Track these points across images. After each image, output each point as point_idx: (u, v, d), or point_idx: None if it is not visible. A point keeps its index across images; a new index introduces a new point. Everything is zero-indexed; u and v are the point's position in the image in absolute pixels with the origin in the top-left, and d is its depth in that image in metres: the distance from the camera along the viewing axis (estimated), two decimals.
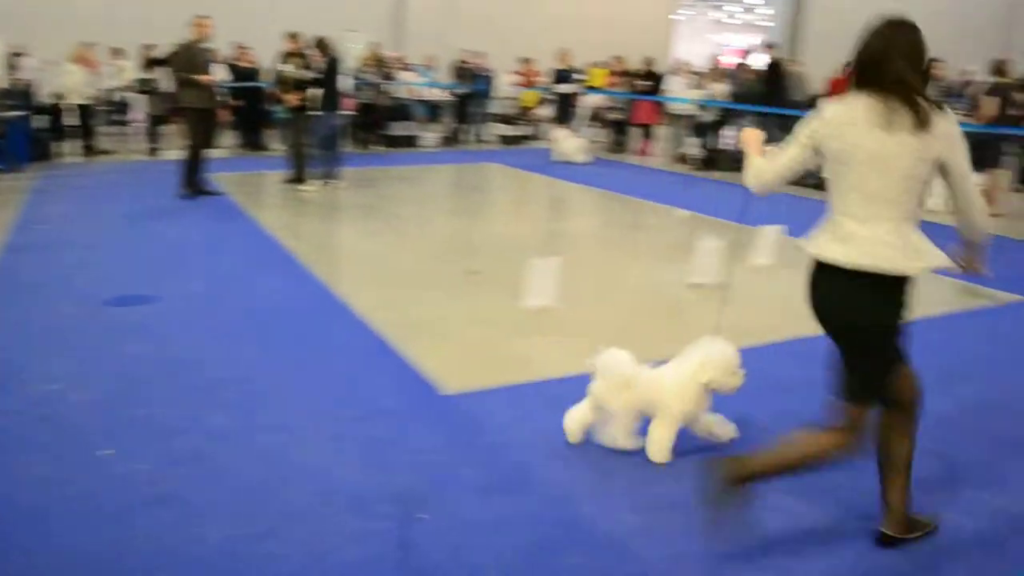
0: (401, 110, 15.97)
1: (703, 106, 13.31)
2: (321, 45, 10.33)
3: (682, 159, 14.24)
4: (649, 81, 15.23)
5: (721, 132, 14.27)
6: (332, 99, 10.30)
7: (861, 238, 2.66)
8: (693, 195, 11.30)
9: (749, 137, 3.10)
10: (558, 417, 4.00)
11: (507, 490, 3.34)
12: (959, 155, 2.69)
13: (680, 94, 14.15)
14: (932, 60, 8.44)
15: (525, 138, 17.32)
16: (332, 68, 10.26)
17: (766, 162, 2.93)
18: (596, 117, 16.82)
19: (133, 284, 6.09)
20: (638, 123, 15.50)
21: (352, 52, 16.99)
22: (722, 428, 3.76)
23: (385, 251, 7.51)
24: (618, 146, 16.02)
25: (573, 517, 3.16)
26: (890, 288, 2.67)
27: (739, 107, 13.55)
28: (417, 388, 4.35)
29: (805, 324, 5.53)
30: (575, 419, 3.76)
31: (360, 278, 6.50)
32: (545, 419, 3.99)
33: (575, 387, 4.37)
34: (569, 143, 14.02)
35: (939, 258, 2.70)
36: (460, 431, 3.87)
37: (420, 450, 3.66)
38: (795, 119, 15.07)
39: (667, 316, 5.73)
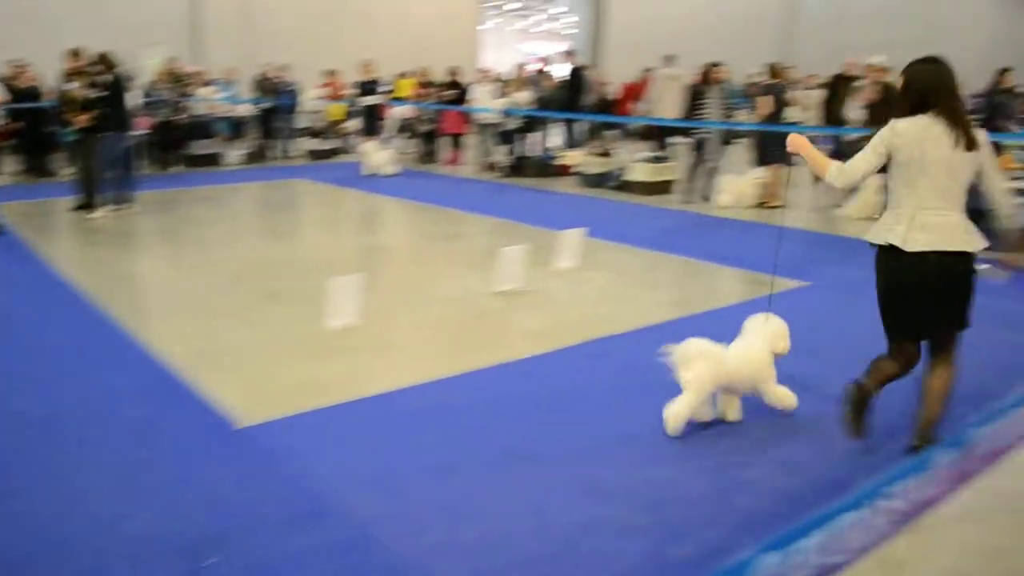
0: (202, 127, 15.31)
1: (507, 114, 13.51)
2: (104, 61, 9.69)
3: (491, 167, 14.43)
4: (454, 91, 15.33)
5: (527, 139, 14.59)
6: (120, 118, 9.70)
7: (939, 227, 3.47)
8: (501, 202, 11.44)
9: (802, 142, 3.75)
10: (361, 441, 3.91)
11: (307, 523, 3.22)
12: (993, 160, 3.56)
13: (485, 103, 14.33)
14: (715, 64, 8.89)
15: (334, 152, 17.02)
16: (118, 85, 9.65)
17: (850, 166, 3.60)
18: (405, 128, 16.76)
19: None
20: (447, 133, 15.57)
21: (147, 68, 16.14)
22: (789, 397, 4.22)
23: (181, 278, 7.15)
24: (428, 157, 16.03)
25: (374, 545, 3.08)
26: (966, 259, 3.51)
27: (541, 114, 13.88)
28: (211, 423, 4.13)
29: (602, 325, 5.79)
30: (678, 413, 3.96)
31: (153, 309, 6.16)
32: (348, 444, 3.89)
33: (378, 408, 4.30)
34: (378, 155, 13.90)
35: (984, 241, 3.55)
36: (257, 465, 3.70)
37: (214, 489, 3.47)
38: (596, 124, 15.64)
39: (473, 326, 5.74)
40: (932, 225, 3.47)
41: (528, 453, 3.80)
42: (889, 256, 3.58)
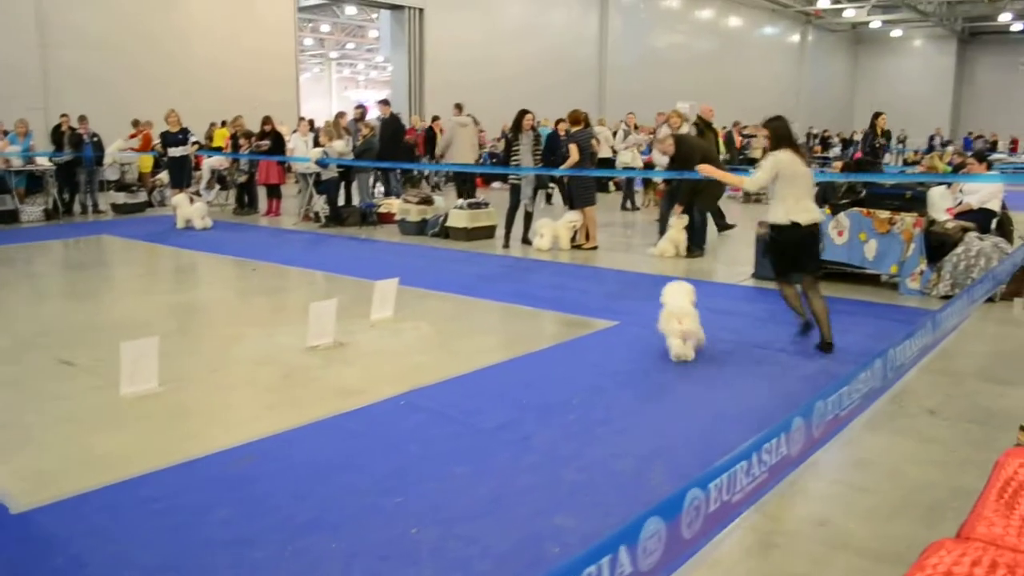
0: None
1: (323, 164, 13.33)
2: None
3: (311, 217, 14.16)
4: (267, 140, 14.99)
5: (348, 188, 14.46)
6: None
7: (808, 208, 6.03)
8: (320, 254, 11.24)
9: (711, 168, 6.80)
10: (149, 519, 3.64)
11: None
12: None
13: (302, 152, 14.09)
14: (525, 112, 9.63)
15: (144, 206, 16.24)
16: None
17: (757, 178, 6.06)
18: (220, 180, 16.23)
19: None
20: (264, 183, 15.18)
21: None
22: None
23: None
24: (246, 208, 15.56)
25: None
26: (817, 226, 6.13)
27: (356, 163, 13.79)
28: None
29: (417, 376, 5.73)
30: (685, 352, 5.98)
31: None
32: (135, 524, 3.60)
33: (171, 481, 4.03)
34: (190, 208, 13.35)
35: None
36: (31, 553, 3.36)
37: None
38: (411, 172, 15.67)
39: (280, 385, 5.52)
40: (806, 208, 6.02)
41: (330, 521, 3.65)
42: (781, 229, 6.05)
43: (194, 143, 13.98)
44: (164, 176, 16.75)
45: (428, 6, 29.28)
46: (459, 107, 15.28)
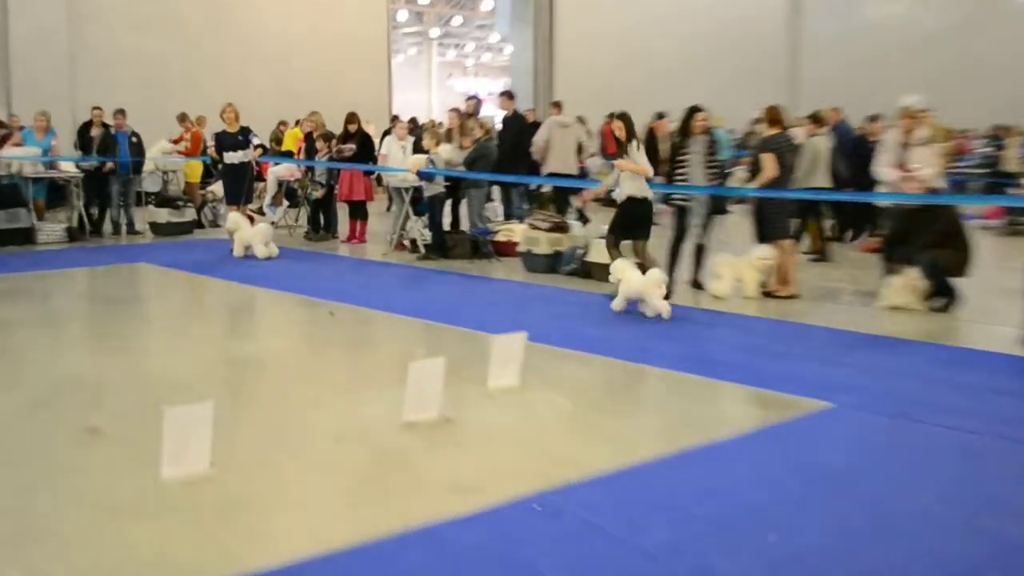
0: (8, 192, 15.03)
1: (428, 176, 13.49)
2: None
3: (406, 246, 14.33)
4: (352, 144, 15.31)
5: (456, 208, 14.59)
6: None
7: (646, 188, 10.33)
8: (419, 294, 11.35)
9: (626, 165, 10.34)
10: None
11: None
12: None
13: (399, 161, 14.31)
14: (696, 109, 9.79)
15: (193, 226, 16.83)
16: None
17: (643, 164, 10.23)
18: (289, 194, 16.69)
19: None
20: (346, 200, 15.48)
21: None
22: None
23: None
24: (322, 232, 15.91)
25: None
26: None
27: (473, 175, 13.91)
28: None
29: (554, 469, 5.59)
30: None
31: None
32: None
33: None
34: (250, 231, 13.74)
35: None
36: None
37: None
38: (539, 189, 15.78)
39: (371, 474, 5.49)
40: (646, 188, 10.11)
41: None
42: (632, 201, 10.24)
43: (257, 147, 14.40)
44: (217, 188, 17.37)
45: None
46: (558, 105, 15.83)
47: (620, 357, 8.20)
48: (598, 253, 11.86)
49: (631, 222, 10.47)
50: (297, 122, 21.71)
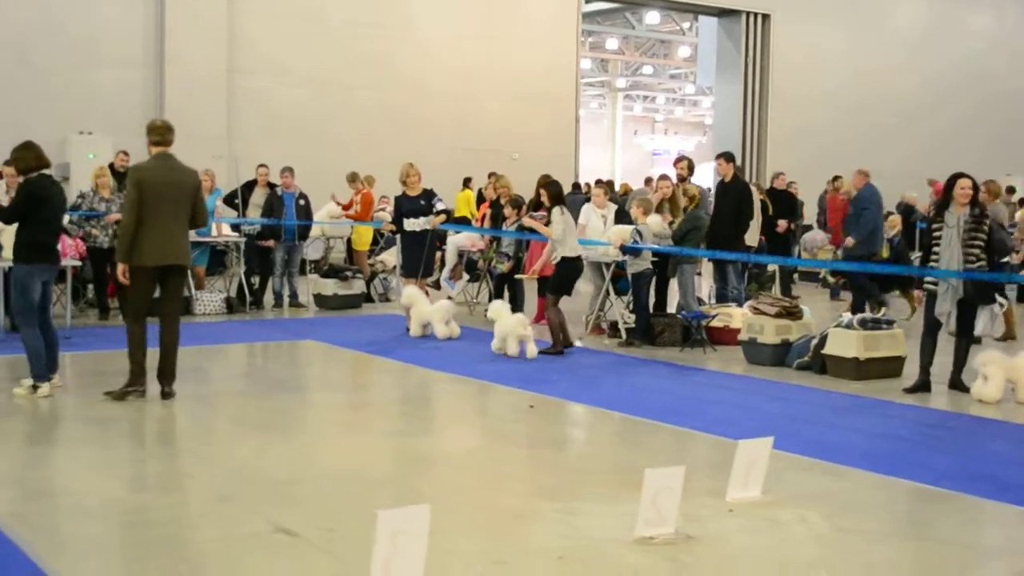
0: None
1: (632, 251, 13.51)
2: (32, 154, 10.04)
3: (606, 329, 14.34)
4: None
5: (662, 286, 14.56)
6: (36, 243, 9.94)
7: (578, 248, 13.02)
8: (625, 386, 11.31)
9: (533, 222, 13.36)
10: None
11: None
12: None
13: (597, 232, 14.37)
14: (958, 176, 9.28)
15: (362, 299, 17.26)
16: (37, 194, 9.91)
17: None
18: (469, 266, 16.93)
19: None
20: (535, 274, 15.60)
21: (88, 165, 16.89)
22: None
23: (133, 496, 7.12)
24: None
25: None
26: None
27: (681, 252, 13.87)
28: None
29: None
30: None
31: (91, 546, 6.10)
32: None
33: None
34: (428, 307, 13.98)
35: None
36: None
37: None
38: (761, 268, 15.63)
39: None
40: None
41: None
42: (571, 261, 12.82)
43: (440, 212, 14.71)
44: (387, 258, 17.78)
45: (777, 10, 29.65)
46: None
47: (879, 470, 7.99)
48: (837, 344, 11.67)
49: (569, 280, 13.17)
50: (466, 182, 22.23)
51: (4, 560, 5.79)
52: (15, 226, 10.21)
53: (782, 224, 18.31)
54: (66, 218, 12.56)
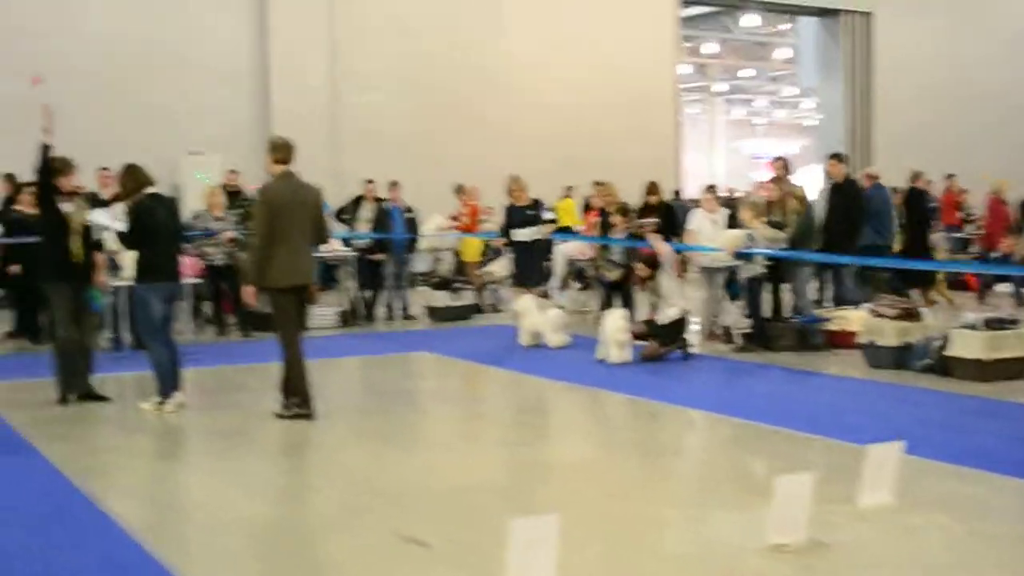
0: None
1: (745, 256, 13.39)
2: (131, 177, 10.25)
3: (719, 335, 14.27)
4: (653, 217, 15.39)
5: (777, 291, 14.42)
6: (151, 262, 10.14)
7: None
8: (741, 391, 11.29)
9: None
10: None
11: None
12: None
13: (709, 238, 14.27)
14: None
15: (472, 310, 17.36)
16: (144, 216, 10.11)
17: None
18: (578, 275, 16.93)
19: None
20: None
21: (200, 185, 17.23)
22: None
23: (262, 507, 7.25)
24: None
25: None
26: None
27: (798, 256, 13.71)
28: None
29: None
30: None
31: (223, 557, 6.23)
32: None
33: None
34: (539, 317, 14.00)
35: None
36: None
37: None
38: (877, 270, 15.43)
39: None
40: None
41: None
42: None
43: (548, 221, 14.75)
44: (497, 268, 17.85)
45: (878, 8, 29.19)
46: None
47: (1012, 473, 7.79)
48: (961, 346, 11.45)
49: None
50: (569, 189, 22.23)
51: (143, 572, 5.91)
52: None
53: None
54: None
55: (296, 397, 9.73)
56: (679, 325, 12.91)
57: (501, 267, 17.57)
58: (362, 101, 24.17)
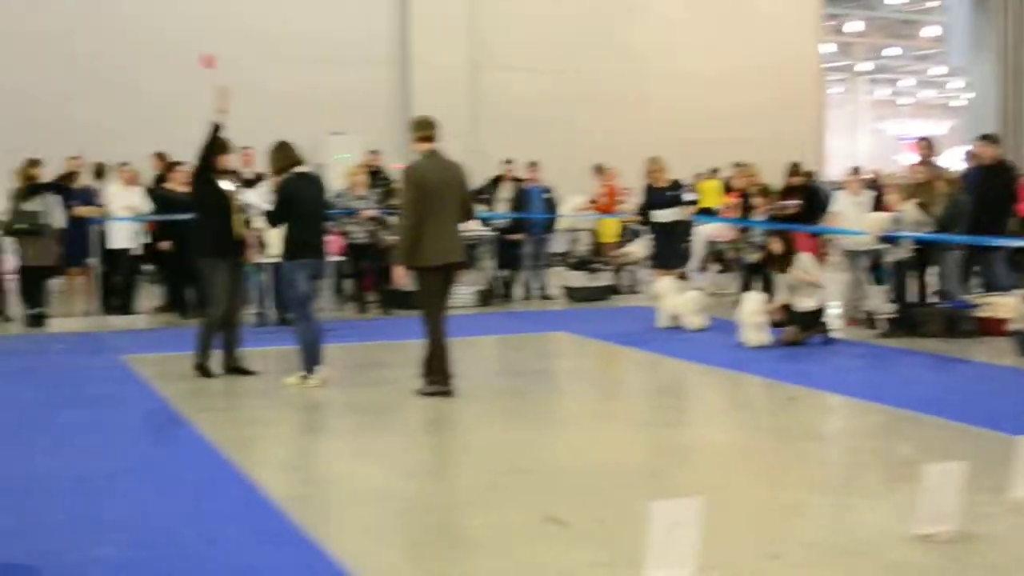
0: None
1: (892, 240, 13.12)
2: (283, 154, 10.43)
3: (861, 320, 14.04)
4: (797, 200, 15.18)
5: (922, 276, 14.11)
6: (296, 239, 10.30)
7: None
8: (885, 378, 11.11)
9: None
10: None
11: None
12: None
13: (854, 221, 14.02)
14: None
15: (610, 291, 17.37)
16: (289, 193, 10.26)
17: None
18: (717, 257, 16.79)
19: (13, 550, 5.87)
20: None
21: (340, 165, 17.51)
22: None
23: (403, 482, 7.36)
24: None
25: None
26: None
27: (944, 239, 13.37)
28: None
29: None
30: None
31: (368, 529, 6.32)
32: None
33: None
34: (679, 299, 13.91)
35: None
36: None
37: None
38: None
39: None
40: None
41: None
42: None
43: (689, 202, 14.64)
44: (634, 249, 17.78)
45: None
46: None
47: None
48: None
49: None
50: (714, 171, 22.02)
51: (289, 541, 6.04)
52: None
53: None
54: None
55: (437, 375, 9.82)
56: (818, 310, 12.69)
57: (639, 248, 17.48)
58: (501, 81, 24.28)
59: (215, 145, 10.58)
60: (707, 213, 17.79)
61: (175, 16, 21.95)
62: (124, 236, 14.81)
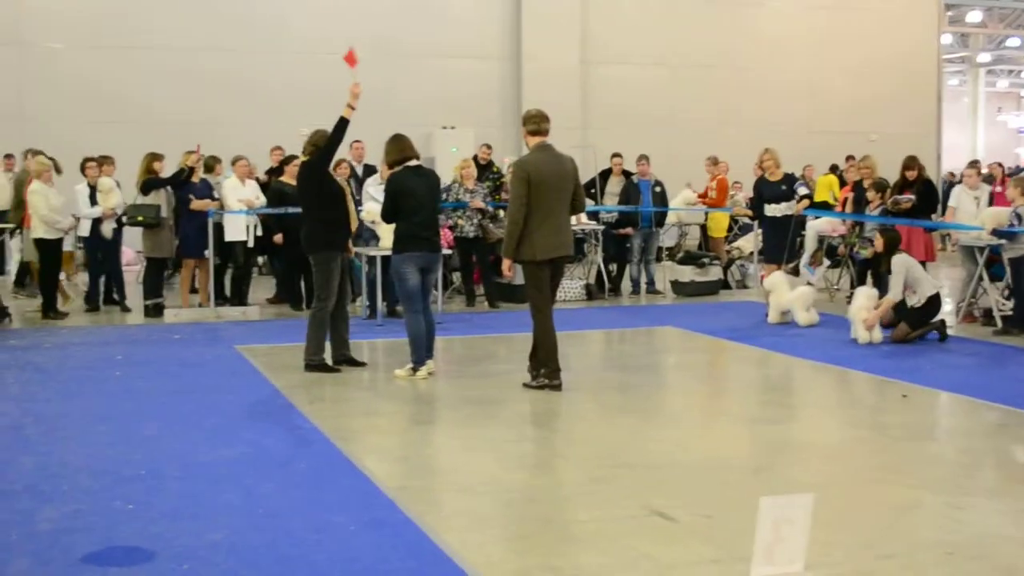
0: None
1: (1009, 235, 12.83)
2: (396, 147, 10.48)
3: (980, 316, 13.82)
4: (911, 194, 14.92)
5: None
6: (405, 232, 10.35)
7: None
8: (1003, 376, 10.94)
9: None
10: None
11: None
12: None
13: (970, 215, 13.74)
14: None
15: (719, 286, 17.28)
16: (398, 188, 10.32)
17: None
18: (829, 251, 16.58)
19: (128, 533, 6.03)
20: None
21: (452, 159, 17.66)
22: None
23: (510, 474, 7.39)
24: None
25: None
26: None
27: None
28: None
29: None
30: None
31: (475, 520, 6.38)
32: None
33: None
34: (790, 295, 13.77)
35: None
36: None
37: None
38: None
39: None
40: None
41: None
42: None
43: (802, 198, 14.45)
44: (744, 243, 17.65)
45: None
46: None
47: None
48: None
49: None
50: (834, 167, 21.77)
51: (398, 530, 6.13)
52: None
53: None
54: None
55: (545, 368, 9.85)
56: (930, 308, 12.45)
57: (749, 242, 17.35)
58: (611, 74, 24.29)
59: (337, 140, 10.66)
60: (820, 207, 17.58)
61: (298, 15, 22.33)
62: (239, 229, 15.06)
